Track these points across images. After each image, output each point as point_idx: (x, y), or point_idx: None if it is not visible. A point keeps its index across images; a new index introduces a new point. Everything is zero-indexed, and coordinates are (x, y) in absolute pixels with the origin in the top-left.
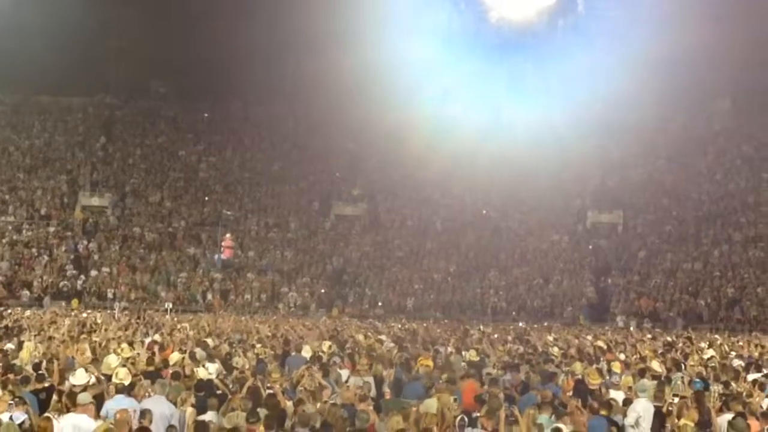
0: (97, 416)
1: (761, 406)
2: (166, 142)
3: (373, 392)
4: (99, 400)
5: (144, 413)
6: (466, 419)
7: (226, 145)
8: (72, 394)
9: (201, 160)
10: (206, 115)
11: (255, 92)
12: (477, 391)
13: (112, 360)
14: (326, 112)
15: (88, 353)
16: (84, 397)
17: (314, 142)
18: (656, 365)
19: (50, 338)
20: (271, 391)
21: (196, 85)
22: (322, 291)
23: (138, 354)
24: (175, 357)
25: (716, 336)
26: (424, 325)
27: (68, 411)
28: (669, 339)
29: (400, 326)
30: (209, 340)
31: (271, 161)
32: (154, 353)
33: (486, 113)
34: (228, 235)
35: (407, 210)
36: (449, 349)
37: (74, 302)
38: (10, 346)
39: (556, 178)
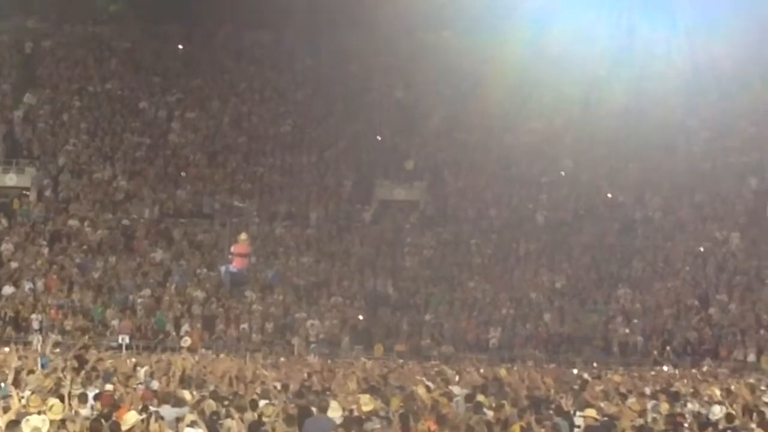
0: None
1: None
2: (119, 88)
3: None
4: None
5: None
6: None
7: (210, 92)
8: None
9: (173, 117)
10: (180, 47)
11: (254, 12)
12: None
13: (35, 423)
14: (363, 43)
15: (0, 413)
16: None
17: (345, 88)
18: None
19: None
20: None
21: (165, 2)
22: (360, 318)
23: (75, 413)
24: (132, 418)
25: None
26: (516, 370)
27: None
28: None
29: (481, 372)
30: (186, 393)
31: (280, 118)
32: (102, 412)
33: (610, 45)
34: (243, 236)
35: (489, 193)
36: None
37: None
38: None
39: (719, 146)
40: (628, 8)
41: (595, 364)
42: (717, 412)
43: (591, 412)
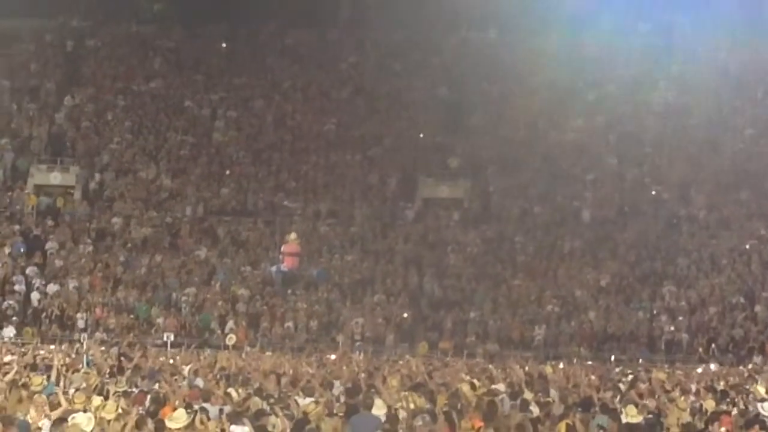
0: None
1: None
2: (163, 87)
3: None
4: None
5: None
6: None
7: (254, 91)
8: None
9: (216, 116)
10: (224, 45)
11: (297, 10)
12: None
13: (81, 421)
14: (406, 41)
15: (47, 411)
16: None
17: (389, 86)
18: None
19: None
20: None
21: (208, 0)
22: (404, 315)
23: (121, 411)
24: (182, 416)
25: None
26: (561, 367)
27: None
28: None
29: (525, 369)
30: (232, 391)
31: (324, 116)
32: (148, 410)
33: (654, 42)
34: (293, 236)
35: (534, 190)
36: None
37: (27, 332)
38: None
39: (765, 143)
40: (672, 5)
41: (640, 362)
42: (767, 408)
43: (630, 410)
